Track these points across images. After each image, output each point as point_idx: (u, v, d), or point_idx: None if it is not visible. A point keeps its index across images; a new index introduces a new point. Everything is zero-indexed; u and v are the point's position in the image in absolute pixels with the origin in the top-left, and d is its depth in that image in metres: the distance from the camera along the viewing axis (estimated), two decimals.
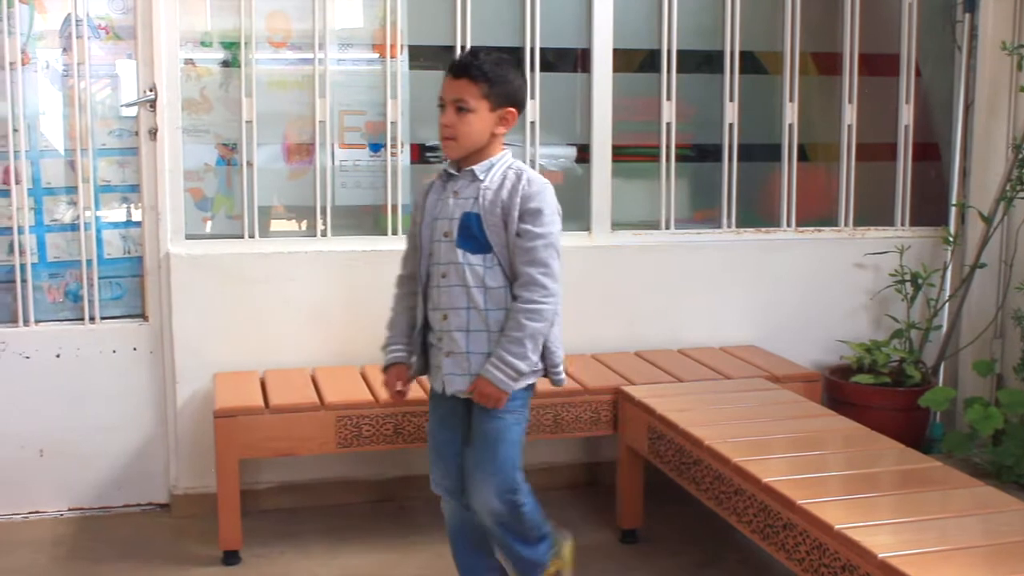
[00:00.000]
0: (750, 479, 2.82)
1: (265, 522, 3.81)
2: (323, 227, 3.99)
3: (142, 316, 3.91)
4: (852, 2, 4.44)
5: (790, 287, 4.37)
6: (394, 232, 4.02)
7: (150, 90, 3.79)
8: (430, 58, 4.12)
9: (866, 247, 4.44)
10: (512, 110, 2.79)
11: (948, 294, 4.45)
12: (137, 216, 3.89)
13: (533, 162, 4.13)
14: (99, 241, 3.87)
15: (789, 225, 4.44)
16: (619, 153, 4.25)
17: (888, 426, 3.45)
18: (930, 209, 4.62)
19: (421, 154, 4.12)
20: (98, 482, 3.90)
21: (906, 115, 4.55)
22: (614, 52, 4.19)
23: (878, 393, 4.15)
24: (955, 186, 4.54)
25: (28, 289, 3.79)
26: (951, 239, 4.45)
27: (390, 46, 4.01)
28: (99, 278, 3.87)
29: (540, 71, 4.12)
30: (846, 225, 4.51)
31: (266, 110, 3.94)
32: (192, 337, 3.83)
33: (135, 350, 3.88)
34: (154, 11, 3.73)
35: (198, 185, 3.95)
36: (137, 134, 3.84)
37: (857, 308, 4.47)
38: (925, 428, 4.31)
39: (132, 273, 3.92)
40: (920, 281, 4.35)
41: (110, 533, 3.75)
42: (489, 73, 2.73)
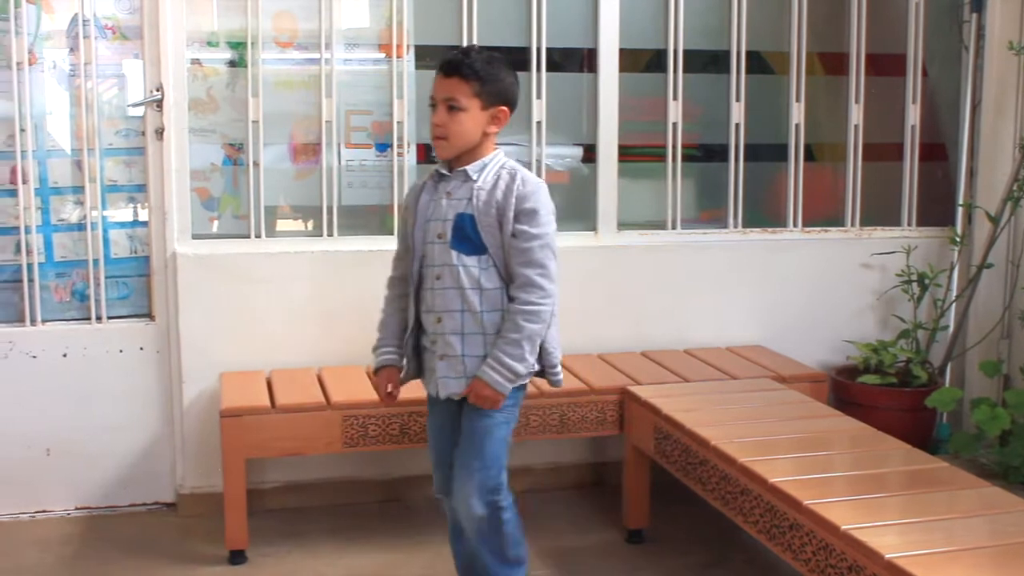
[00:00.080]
0: (756, 479, 2.81)
1: (271, 522, 3.81)
2: (329, 227, 4.00)
3: (149, 316, 3.92)
4: (859, 2, 4.43)
5: (796, 287, 4.36)
6: None
7: (157, 90, 3.79)
8: (437, 58, 4.06)
9: (873, 247, 4.43)
10: (504, 109, 2.76)
11: (955, 294, 4.44)
12: (144, 216, 3.90)
13: (539, 162, 4.14)
14: (106, 241, 3.88)
15: (796, 225, 4.44)
16: (625, 153, 4.25)
17: (895, 426, 3.44)
18: (937, 209, 4.61)
19: (427, 154, 4.11)
20: (105, 481, 3.91)
21: (913, 115, 4.54)
22: (620, 52, 4.18)
23: (885, 393, 4.14)
24: (962, 186, 4.53)
25: (35, 289, 3.80)
26: (958, 239, 4.44)
27: (396, 46, 4.01)
28: (106, 278, 3.87)
29: (546, 71, 4.12)
30: (853, 225, 4.50)
31: (272, 110, 3.95)
32: (199, 337, 3.83)
33: (142, 350, 3.89)
34: (161, 11, 3.74)
35: (205, 185, 3.95)
36: (144, 134, 3.85)
37: (864, 308, 4.46)
38: (932, 429, 4.31)
39: (139, 273, 3.93)
40: (927, 281, 4.34)
41: (117, 532, 3.76)
42: (480, 71, 2.70)
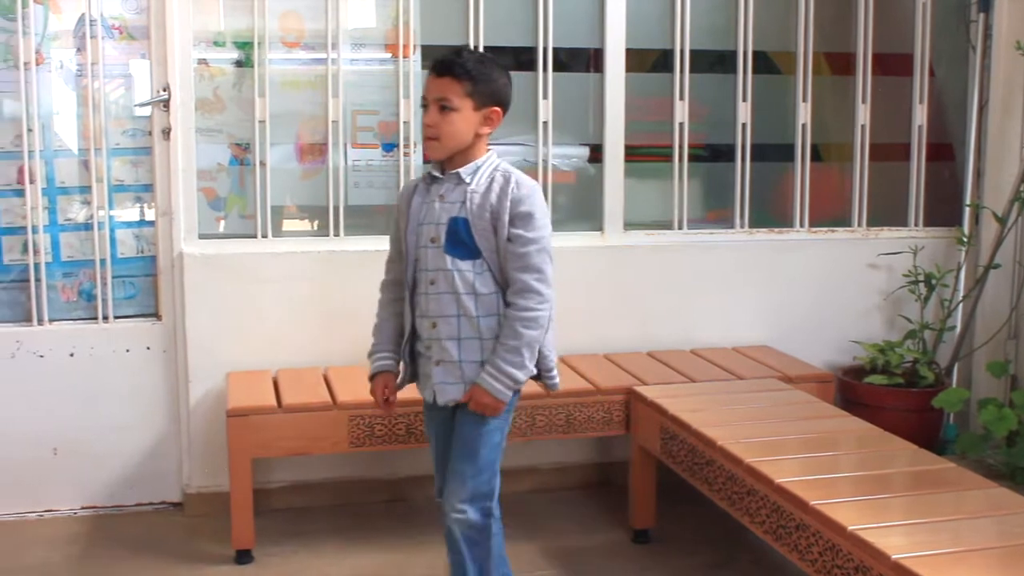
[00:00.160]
0: (763, 480, 2.81)
1: (277, 521, 3.81)
2: (336, 227, 4.00)
3: (155, 315, 3.93)
4: (866, 2, 4.42)
5: (803, 287, 4.36)
6: None
7: (163, 90, 3.80)
8: None
9: (879, 247, 4.42)
10: (497, 109, 2.70)
11: (962, 295, 4.43)
12: (150, 216, 3.91)
13: (546, 162, 4.14)
14: (113, 240, 3.88)
15: (802, 225, 4.43)
16: (632, 153, 4.25)
17: (901, 427, 3.43)
18: (944, 209, 4.60)
19: None
20: (111, 481, 3.92)
21: (920, 115, 4.53)
22: (627, 52, 4.18)
23: (891, 394, 4.13)
24: (969, 186, 4.52)
25: (42, 288, 3.81)
26: (965, 239, 4.43)
27: (403, 46, 4.02)
28: (112, 277, 3.88)
29: (553, 71, 4.12)
30: (859, 225, 4.49)
31: (279, 110, 3.95)
32: (205, 336, 3.84)
33: (148, 349, 3.89)
34: (168, 11, 3.75)
35: (211, 185, 3.95)
36: (150, 134, 3.85)
37: (870, 308, 4.45)
38: (939, 429, 4.30)
39: (145, 272, 3.93)
40: (934, 282, 4.33)
41: (123, 532, 3.76)
42: (473, 71, 2.64)
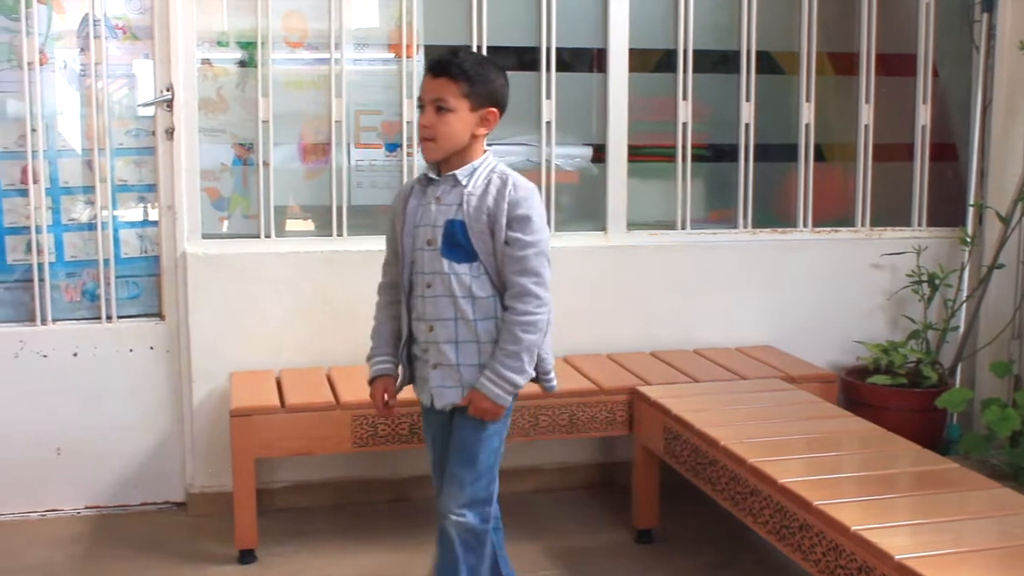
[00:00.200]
0: (766, 480, 2.81)
1: (281, 521, 3.82)
2: (339, 227, 4.00)
3: (159, 315, 3.93)
4: (869, 2, 4.42)
5: (806, 288, 4.36)
6: None
7: (167, 90, 3.80)
8: None
9: (883, 247, 4.42)
10: (493, 110, 2.67)
11: (965, 295, 4.43)
12: (154, 215, 3.91)
13: (549, 162, 4.14)
14: (116, 240, 3.88)
15: (805, 225, 4.43)
16: (635, 153, 4.25)
17: (905, 427, 3.43)
18: (947, 209, 4.59)
19: None
20: (115, 481, 3.92)
21: (923, 115, 4.53)
22: (630, 52, 4.18)
23: (895, 394, 4.13)
24: (972, 186, 4.52)
25: (46, 288, 3.81)
26: (968, 240, 4.43)
27: (406, 46, 4.02)
28: (116, 277, 3.88)
29: (556, 71, 4.12)
30: (863, 225, 4.49)
31: (282, 110, 3.95)
32: (208, 336, 3.84)
33: (152, 349, 3.90)
34: (171, 11, 3.75)
35: (214, 185, 3.96)
36: (154, 134, 3.86)
37: (874, 309, 4.45)
38: (942, 429, 4.29)
39: (149, 272, 3.93)
40: (937, 282, 4.33)
41: (127, 531, 3.77)
42: (469, 72, 2.62)
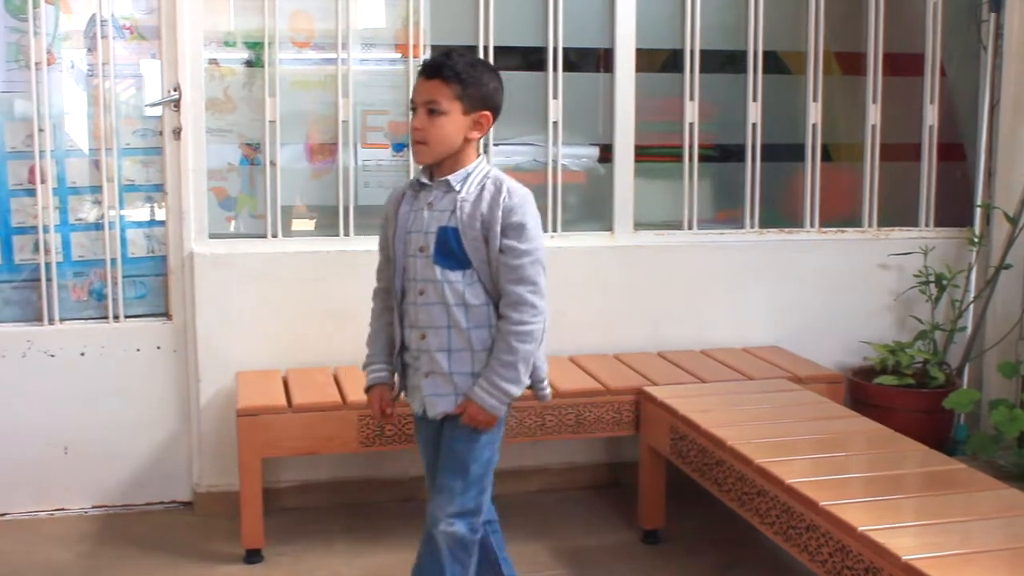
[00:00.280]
0: (773, 480, 2.80)
1: (287, 520, 3.82)
2: (346, 227, 4.00)
3: (166, 315, 3.94)
4: (876, 2, 4.41)
5: (813, 288, 4.35)
6: None
7: (174, 90, 3.80)
8: None
9: (890, 248, 4.41)
10: (487, 114, 2.61)
11: (973, 295, 4.42)
12: (161, 215, 3.92)
13: (556, 162, 4.14)
14: (123, 240, 3.89)
15: (812, 225, 4.42)
16: (642, 153, 4.24)
17: (912, 428, 3.43)
18: (955, 210, 4.58)
19: None
20: (122, 480, 3.93)
21: (931, 115, 4.52)
22: (637, 52, 4.18)
23: (902, 395, 4.12)
24: (980, 187, 4.51)
25: (53, 288, 3.82)
26: (976, 240, 4.42)
27: (413, 46, 4.02)
28: (123, 277, 3.89)
29: (563, 71, 4.12)
30: (870, 226, 4.48)
31: (289, 110, 3.96)
32: (215, 336, 3.84)
33: (159, 349, 3.90)
34: (178, 11, 3.75)
35: (222, 184, 3.96)
36: (161, 134, 3.86)
37: (881, 309, 4.44)
38: (949, 430, 4.29)
39: (156, 272, 3.94)
40: (944, 282, 4.32)
41: (133, 531, 3.77)
42: (462, 74, 2.56)
